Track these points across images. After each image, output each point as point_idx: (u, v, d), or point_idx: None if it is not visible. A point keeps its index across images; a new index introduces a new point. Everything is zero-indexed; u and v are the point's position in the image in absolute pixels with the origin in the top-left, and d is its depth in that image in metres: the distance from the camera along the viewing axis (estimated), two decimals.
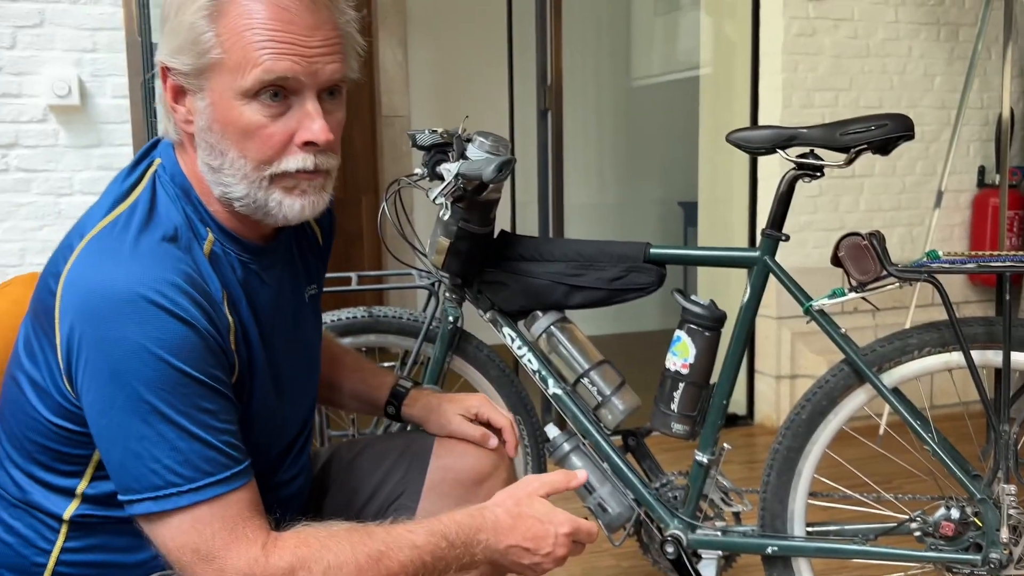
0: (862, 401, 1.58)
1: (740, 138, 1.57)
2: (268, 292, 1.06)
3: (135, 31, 2.47)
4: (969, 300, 3.53)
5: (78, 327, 0.90)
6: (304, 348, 1.16)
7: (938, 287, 1.45)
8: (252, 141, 0.95)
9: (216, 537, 0.90)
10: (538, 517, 1.01)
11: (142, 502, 0.90)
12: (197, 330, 0.90)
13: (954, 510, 1.48)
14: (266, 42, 0.92)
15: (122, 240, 0.93)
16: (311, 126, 0.95)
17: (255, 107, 0.93)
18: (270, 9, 0.92)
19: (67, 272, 0.93)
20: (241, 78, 0.92)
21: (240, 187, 0.97)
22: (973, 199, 3.52)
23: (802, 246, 3.21)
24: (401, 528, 0.96)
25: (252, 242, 1.03)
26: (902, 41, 3.33)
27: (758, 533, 1.62)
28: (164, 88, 0.97)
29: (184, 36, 0.93)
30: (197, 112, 0.96)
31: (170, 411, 0.88)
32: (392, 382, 1.36)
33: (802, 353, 3.23)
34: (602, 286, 1.69)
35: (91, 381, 0.90)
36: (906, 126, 1.47)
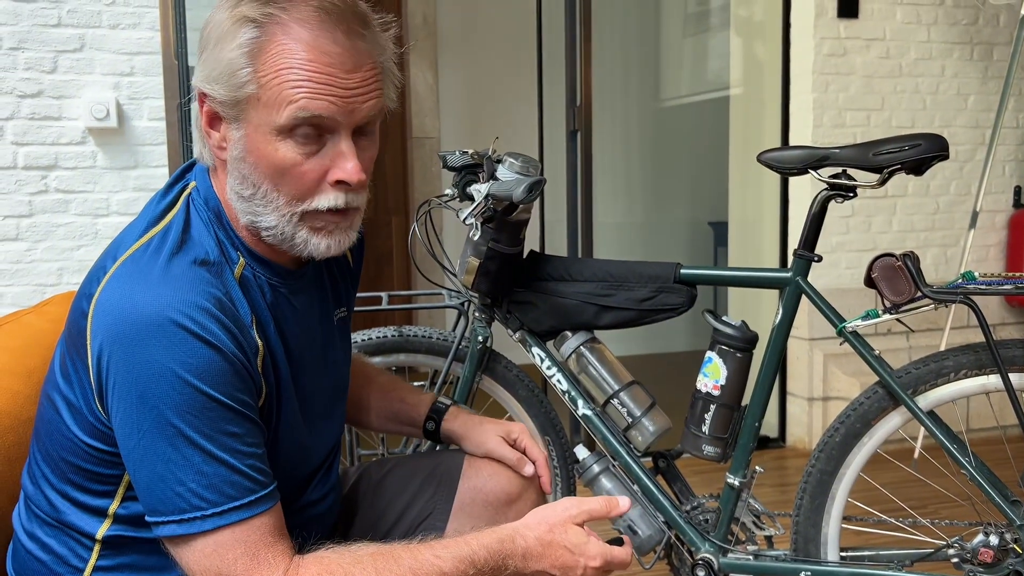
0: (897, 424, 1.55)
1: (771, 158, 1.57)
2: (297, 316, 1.07)
3: (172, 55, 2.53)
4: (1006, 322, 3.47)
5: (107, 349, 0.90)
6: (332, 371, 1.16)
7: (974, 308, 1.43)
8: (286, 178, 0.95)
9: (238, 562, 0.90)
10: (569, 548, 0.99)
11: (167, 524, 0.90)
12: (224, 354, 0.91)
13: (993, 536, 1.45)
14: (304, 81, 0.91)
15: (153, 263, 0.93)
16: (344, 166, 0.95)
17: (289, 144, 0.93)
18: (311, 51, 0.92)
19: (99, 294, 0.94)
20: (276, 114, 0.92)
21: (270, 218, 0.97)
22: (1009, 219, 3.47)
23: (834, 267, 3.18)
24: (428, 552, 0.95)
25: (282, 266, 1.04)
26: (935, 61, 3.30)
27: (791, 557, 1.60)
28: (200, 112, 0.98)
29: (223, 67, 0.93)
30: (231, 141, 0.96)
31: (196, 435, 0.89)
32: (431, 399, 1.36)
33: (835, 375, 3.19)
34: (632, 306, 1.68)
35: (120, 403, 0.90)
36: (940, 146, 1.46)
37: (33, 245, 2.54)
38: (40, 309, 1.26)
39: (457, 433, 1.33)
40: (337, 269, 1.20)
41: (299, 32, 0.92)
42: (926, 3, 3.27)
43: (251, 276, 1.01)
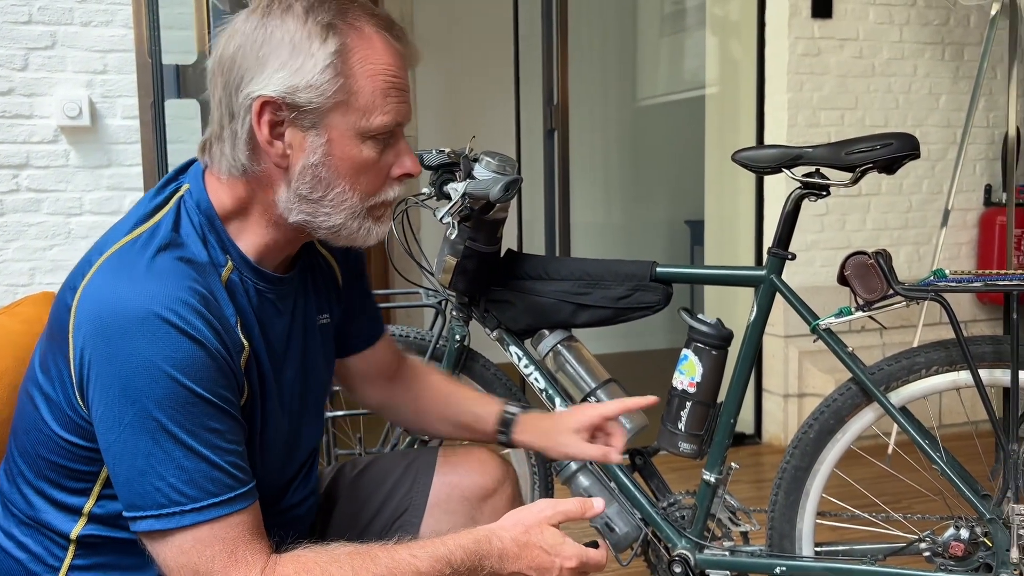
0: (870, 420, 1.57)
1: (746, 157, 1.58)
2: (282, 321, 1.08)
3: (145, 52, 2.51)
4: (977, 319, 3.52)
5: (91, 342, 0.90)
6: (313, 375, 1.16)
7: (945, 306, 1.45)
8: (365, 176, 1.01)
9: (216, 559, 0.90)
10: (545, 548, 1.00)
11: (146, 519, 0.90)
12: (208, 350, 0.91)
13: (964, 530, 1.47)
14: (391, 89, 0.98)
15: (139, 258, 0.94)
16: (407, 161, 1.03)
17: (370, 144, 0.99)
18: (389, 57, 0.98)
19: (83, 287, 0.94)
20: (366, 120, 0.97)
21: (338, 217, 1.01)
22: (980, 217, 3.52)
23: (809, 265, 3.21)
24: (405, 552, 0.95)
25: (270, 272, 1.05)
26: (907, 61, 3.34)
27: (766, 553, 1.61)
28: (255, 123, 0.96)
29: (308, 76, 0.95)
30: (307, 147, 0.97)
31: (177, 429, 0.89)
32: (498, 411, 1.36)
33: (809, 372, 3.22)
34: (609, 305, 1.69)
35: (101, 396, 0.90)
36: (912, 145, 1.48)
37: (4, 245, 2.51)
38: (12, 310, 1.25)
39: (535, 446, 1.35)
40: (322, 278, 1.20)
41: (374, 38, 0.98)
42: (898, 3, 3.30)
43: (238, 280, 1.01)
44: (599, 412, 1.32)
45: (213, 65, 1.00)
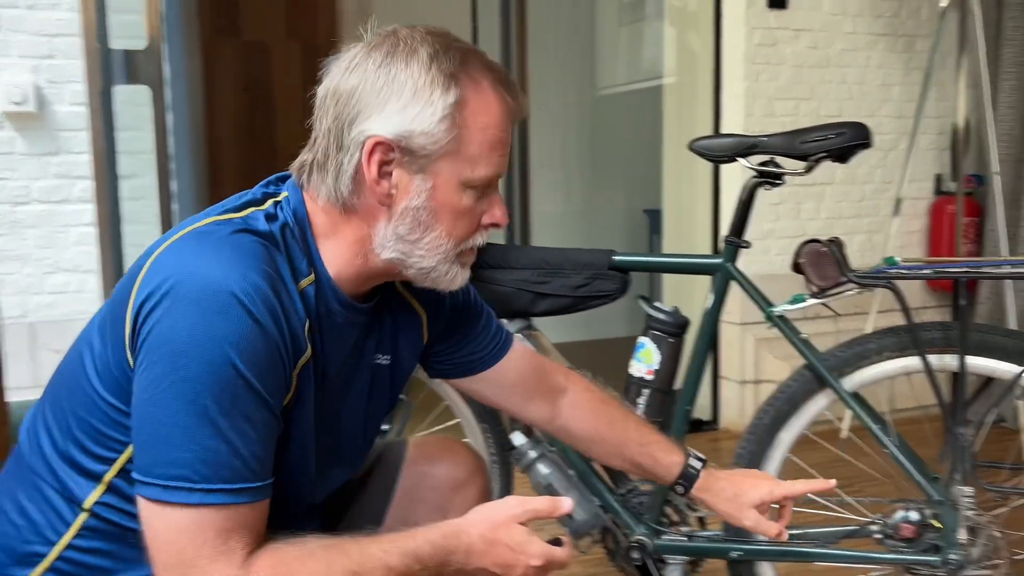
0: (823, 406, 1.60)
1: (702, 146, 1.59)
2: (343, 347, 1.07)
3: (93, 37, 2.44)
4: (927, 306, 3.59)
5: (156, 298, 0.89)
6: (356, 417, 1.15)
7: (896, 293, 1.48)
8: (462, 221, 1.03)
9: (205, 546, 0.88)
10: (512, 546, 1.00)
11: (152, 486, 0.88)
12: (269, 338, 0.91)
13: (913, 512, 1.50)
14: (498, 143, 1.01)
15: (226, 235, 0.95)
16: (497, 211, 1.06)
17: (470, 193, 1.02)
18: (501, 109, 1.01)
19: (163, 250, 0.94)
20: (472, 170, 1.00)
21: (431, 259, 1.03)
22: (930, 206, 3.59)
23: (765, 253, 3.25)
24: (375, 546, 0.95)
25: (348, 297, 1.05)
26: (861, 52, 3.39)
27: (722, 538, 1.63)
28: (365, 161, 0.98)
29: (425, 122, 0.97)
30: (412, 190, 1.00)
31: (214, 408, 0.88)
32: (682, 463, 1.35)
33: (766, 359, 3.26)
34: (567, 293, 1.69)
35: (150, 354, 0.89)
36: (863, 134, 1.50)
37: None
38: None
39: (712, 506, 1.36)
40: (401, 323, 1.19)
41: (490, 93, 1.00)
42: None
43: (313, 293, 1.01)
44: (784, 492, 1.32)
45: (326, 93, 1.01)
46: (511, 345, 1.31)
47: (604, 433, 1.36)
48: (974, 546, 1.46)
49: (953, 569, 1.45)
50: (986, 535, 1.46)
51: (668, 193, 3.63)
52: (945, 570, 1.46)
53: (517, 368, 1.31)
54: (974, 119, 3.52)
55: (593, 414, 1.36)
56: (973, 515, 1.46)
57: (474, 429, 1.87)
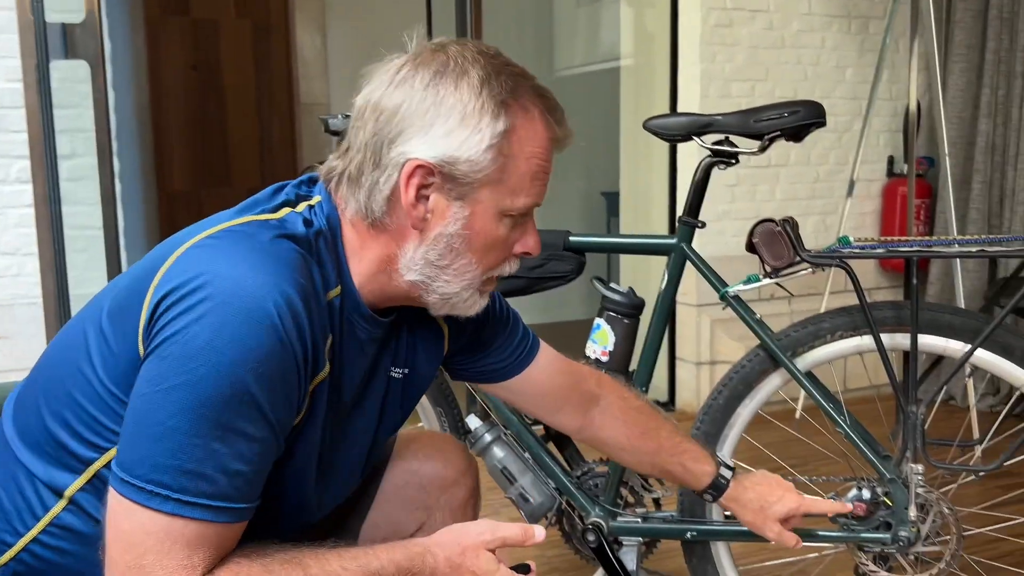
0: (777, 385, 1.60)
1: (657, 125, 1.58)
2: (363, 361, 1.04)
3: (28, 10, 2.35)
4: (880, 286, 3.64)
5: (182, 292, 0.85)
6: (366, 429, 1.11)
7: (849, 272, 1.48)
8: (494, 251, 0.99)
9: (169, 556, 0.84)
10: (477, 573, 0.98)
11: (129, 485, 0.84)
12: (289, 357, 0.87)
13: (865, 490, 1.51)
14: (541, 173, 0.98)
15: (264, 237, 0.90)
16: (530, 241, 1.02)
17: (507, 223, 0.98)
18: (548, 138, 0.98)
19: (194, 244, 0.90)
20: (512, 200, 0.96)
21: (455, 286, 0.99)
22: (883, 188, 3.63)
23: (721, 235, 3.26)
24: (336, 563, 0.91)
25: (371, 311, 1.02)
26: (816, 33, 3.40)
27: (677, 519, 1.63)
28: (403, 183, 0.94)
29: (470, 148, 0.93)
30: (449, 215, 0.96)
31: (213, 419, 0.83)
32: (713, 472, 1.35)
33: (721, 340, 3.28)
34: (522, 275, 1.67)
35: (162, 350, 0.84)
36: (817, 113, 1.49)
37: None
38: None
39: (738, 515, 1.38)
40: (420, 336, 1.15)
41: (538, 122, 0.97)
42: None
43: (339, 306, 0.98)
44: (808, 509, 1.35)
45: (366, 105, 0.97)
46: (536, 353, 1.27)
47: (636, 443, 1.34)
48: (924, 523, 1.47)
49: (903, 546, 1.47)
50: (936, 512, 1.48)
51: (625, 175, 3.62)
52: (895, 547, 1.48)
53: (544, 377, 1.28)
54: (926, 102, 3.56)
55: (625, 424, 1.34)
56: (923, 492, 1.47)
57: (429, 412, 1.84)
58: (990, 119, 3.36)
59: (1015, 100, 3.29)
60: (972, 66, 3.41)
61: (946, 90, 3.41)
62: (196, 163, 4.24)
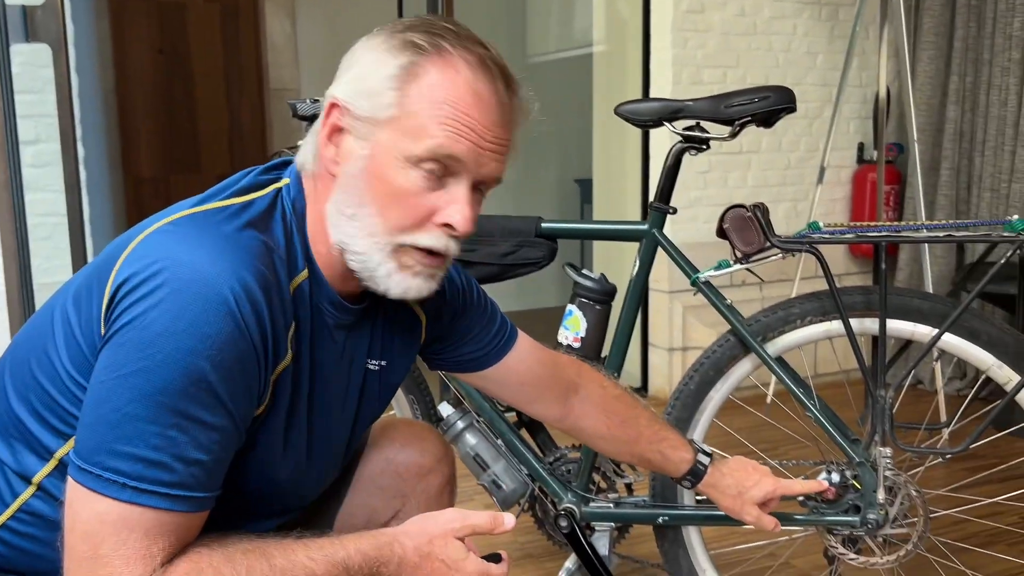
0: (747, 370, 1.60)
1: (628, 111, 1.57)
2: (334, 349, 1.02)
3: None
4: (850, 272, 3.67)
5: (140, 278, 0.84)
6: (343, 421, 1.10)
7: (819, 257, 1.48)
8: (396, 206, 0.93)
9: (126, 545, 0.82)
10: (447, 562, 0.97)
11: (87, 472, 0.82)
12: (247, 346, 0.86)
13: (834, 474, 1.52)
14: (451, 120, 0.91)
15: (227, 225, 0.90)
16: (458, 211, 0.94)
17: (415, 174, 0.92)
18: (466, 92, 0.92)
19: (156, 229, 0.89)
20: (413, 143, 0.91)
21: (362, 242, 0.94)
22: (853, 174, 3.66)
23: (693, 221, 3.27)
24: (302, 553, 0.90)
25: (339, 296, 1.00)
26: (787, 20, 3.41)
27: (649, 504, 1.64)
28: (323, 122, 0.95)
29: (373, 84, 0.92)
30: (352, 157, 0.94)
31: (171, 406, 0.82)
32: (691, 459, 1.36)
33: (693, 326, 3.29)
34: (494, 261, 1.66)
35: (119, 336, 0.84)
36: (787, 98, 1.49)
37: None
38: None
39: (716, 500, 1.39)
40: (399, 323, 1.13)
41: (463, 70, 0.92)
42: None
43: (307, 291, 0.96)
44: (785, 491, 1.38)
45: None
46: (515, 342, 1.26)
47: (615, 432, 1.34)
48: (892, 505, 1.49)
49: (871, 528, 1.48)
50: (903, 494, 1.49)
51: (598, 162, 3.62)
52: (864, 529, 1.49)
53: (522, 366, 1.27)
54: (895, 88, 3.59)
55: (604, 413, 1.34)
56: (891, 475, 1.49)
57: (401, 400, 1.83)
58: (958, 106, 3.40)
59: (982, 87, 3.32)
60: (941, 53, 3.44)
61: (915, 77, 3.44)
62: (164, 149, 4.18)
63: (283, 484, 1.02)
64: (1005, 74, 3.22)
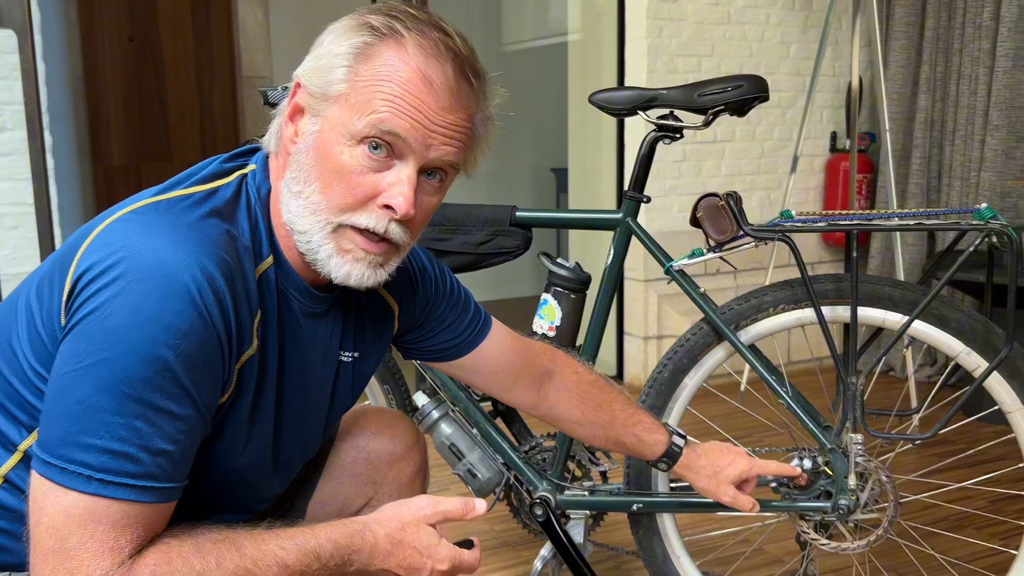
0: (721, 358, 1.61)
1: (602, 99, 1.57)
2: (304, 338, 1.01)
3: None
4: (823, 260, 3.70)
5: (100, 268, 0.83)
6: (315, 412, 1.08)
7: (791, 245, 1.49)
8: (338, 184, 0.92)
9: (93, 538, 0.81)
10: (419, 549, 0.97)
11: (51, 466, 0.81)
12: (211, 335, 0.85)
13: (807, 460, 1.54)
14: (395, 98, 0.91)
15: (189, 213, 0.89)
16: (399, 192, 0.92)
17: (357, 152, 0.91)
18: (414, 73, 0.91)
19: (118, 218, 0.88)
20: (356, 119, 0.91)
21: (306, 221, 0.93)
22: (826, 163, 3.68)
23: (667, 210, 3.28)
24: (273, 542, 0.90)
25: (307, 284, 1.00)
26: (760, 9, 3.43)
27: (624, 491, 1.64)
28: (290, 101, 0.96)
29: (326, 61, 0.93)
30: (304, 134, 0.94)
31: (134, 396, 0.81)
32: (665, 441, 1.38)
33: (668, 314, 3.31)
34: (469, 250, 1.66)
35: (80, 327, 0.82)
36: (761, 87, 1.50)
37: None
38: None
39: (691, 482, 1.41)
40: (371, 314, 1.12)
41: (413, 54, 0.91)
42: None
43: (273, 278, 0.96)
44: (760, 471, 1.41)
45: None
46: (489, 331, 1.26)
47: (590, 417, 1.35)
48: (863, 491, 1.50)
49: (843, 513, 1.50)
50: (874, 480, 1.51)
51: (574, 151, 3.62)
52: (835, 515, 1.51)
53: (497, 354, 1.27)
54: (867, 78, 3.61)
55: (579, 398, 1.34)
56: (862, 461, 1.50)
57: (376, 390, 1.83)
58: (929, 95, 3.43)
59: (953, 76, 3.35)
60: (912, 43, 3.46)
61: (887, 67, 3.47)
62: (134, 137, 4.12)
63: (249, 473, 1.02)
64: (975, 64, 3.25)
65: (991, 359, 1.45)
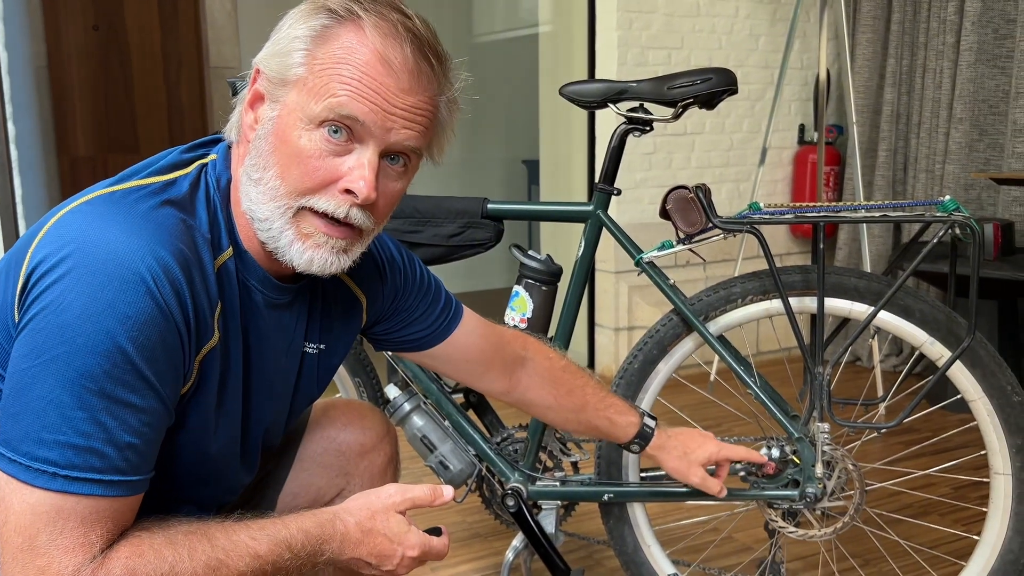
0: (690, 349, 1.63)
1: (572, 92, 1.57)
2: (267, 329, 1.00)
3: None
4: (791, 252, 3.74)
5: (53, 261, 0.81)
6: (279, 402, 1.08)
7: (759, 237, 1.51)
8: (297, 168, 0.91)
9: (63, 535, 0.80)
10: (389, 536, 0.98)
11: (15, 463, 0.80)
12: (169, 325, 0.84)
13: (774, 449, 1.56)
14: (353, 81, 0.89)
15: (144, 204, 0.88)
16: (359, 175, 0.91)
17: (316, 136, 0.90)
18: (372, 55, 0.90)
19: (71, 209, 0.86)
20: (314, 103, 0.89)
21: (266, 208, 0.92)
22: (794, 156, 3.72)
23: (638, 203, 3.30)
24: (244, 533, 0.90)
25: (268, 275, 0.98)
26: (729, 2, 3.45)
27: (595, 481, 1.65)
28: (249, 88, 0.95)
29: (284, 45, 0.92)
30: (263, 120, 0.93)
31: (95, 390, 0.80)
32: (637, 423, 1.40)
33: (639, 306, 3.33)
34: (440, 243, 1.66)
35: (35, 322, 0.81)
36: (729, 80, 1.51)
37: None
38: None
39: (661, 463, 1.44)
40: (338, 305, 1.11)
41: (371, 35, 0.90)
42: None
43: (233, 269, 0.94)
44: (728, 455, 1.44)
45: None
46: (460, 320, 1.26)
47: (563, 401, 1.36)
48: (830, 479, 1.53)
49: (810, 502, 1.52)
50: (841, 468, 1.53)
51: (545, 143, 3.62)
52: (803, 503, 1.53)
53: (468, 342, 1.27)
54: (835, 71, 3.65)
55: (552, 383, 1.35)
56: (829, 450, 1.53)
57: (347, 383, 1.82)
58: (895, 88, 3.47)
59: (918, 70, 3.40)
60: (878, 37, 3.51)
61: (854, 60, 3.51)
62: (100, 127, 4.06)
63: (220, 462, 1.01)
64: (940, 58, 3.30)
65: (954, 348, 1.48)
